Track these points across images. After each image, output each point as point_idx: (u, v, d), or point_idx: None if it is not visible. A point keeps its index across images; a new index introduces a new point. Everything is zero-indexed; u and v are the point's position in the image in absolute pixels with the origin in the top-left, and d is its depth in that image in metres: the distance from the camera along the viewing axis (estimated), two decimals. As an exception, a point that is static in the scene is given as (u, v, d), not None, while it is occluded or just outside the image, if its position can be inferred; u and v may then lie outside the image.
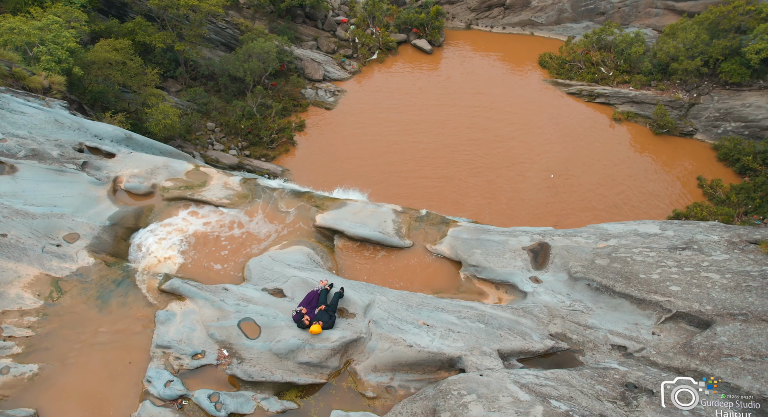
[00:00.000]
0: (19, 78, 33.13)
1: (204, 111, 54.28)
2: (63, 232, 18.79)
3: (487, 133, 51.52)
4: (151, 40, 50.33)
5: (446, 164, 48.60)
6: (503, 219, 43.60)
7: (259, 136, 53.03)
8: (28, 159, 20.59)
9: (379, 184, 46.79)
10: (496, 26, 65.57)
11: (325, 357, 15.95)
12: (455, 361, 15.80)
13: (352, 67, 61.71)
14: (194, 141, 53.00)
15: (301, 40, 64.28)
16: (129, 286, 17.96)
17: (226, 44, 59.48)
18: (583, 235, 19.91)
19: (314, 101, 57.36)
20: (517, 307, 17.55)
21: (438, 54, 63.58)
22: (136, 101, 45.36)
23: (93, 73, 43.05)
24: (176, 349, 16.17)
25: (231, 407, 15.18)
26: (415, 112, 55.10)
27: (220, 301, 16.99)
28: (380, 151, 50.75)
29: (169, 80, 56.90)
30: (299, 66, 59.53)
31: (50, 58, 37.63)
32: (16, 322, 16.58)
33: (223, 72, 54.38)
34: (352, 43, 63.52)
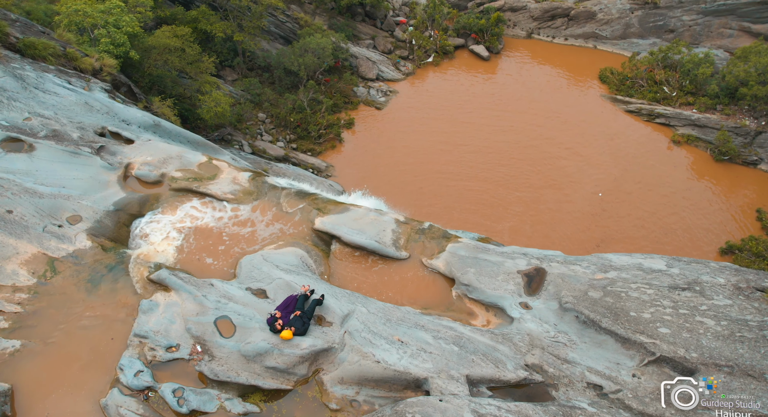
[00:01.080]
0: (72, 59, 34.40)
1: (256, 102, 55.15)
2: (67, 213, 19.37)
3: (537, 145, 50.42)
4: (212, 29, 51.46)
5: (491, 173, 47.86)
6: (543, 235, 42.68)
7: (308, 130, 53.53)
8: (47, 139, 21.33)
9: (420, 187, 46.57)
10: (557, 37, 64.08)
11: (293, 364, 15.89)
12: (421, 383, 15.50)
13: (407, 68, 61.51)
14: (244, 130, 53.97)
15: (358, 38, 64.51)
16: (120, 273, 18.37)
17: (284, 37, 60.26)
18: (583, 265, 19.19)
19: (365, 100, 57.46)
20: (498, 333, 17.06)
21: (495, 61, 62.62)
22: (191, 87, 46.43)
23: (153, 58, 44.30)
24: (152, 340, 16.43)
25: (194, 404, 15.30)
26: (464, 118, 54.43)
27: (202, 297, 17.17)
28: (426, 154, 50.43)
29: (226, 69, 58.12)
30: (354, 64, 59.74)
31: (108, 40, 38.80)
32: (8, 298, 17.19)
33: (279, 65, 55.12)
34: (408, 45, 63.31)
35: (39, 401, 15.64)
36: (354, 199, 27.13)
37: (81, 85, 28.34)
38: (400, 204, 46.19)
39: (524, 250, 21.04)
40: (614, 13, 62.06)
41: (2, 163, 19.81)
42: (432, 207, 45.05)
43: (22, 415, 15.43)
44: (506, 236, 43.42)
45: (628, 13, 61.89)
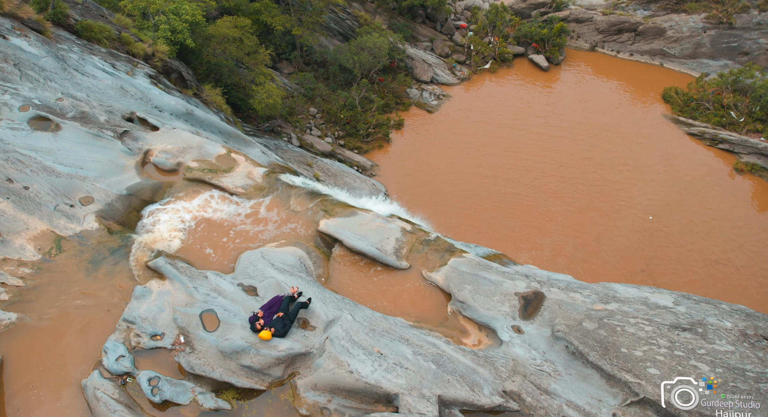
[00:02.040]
0: (125, 43, 35.51)
1: (309, 96, 55.70)
2: (80, 194, 19.96)
3: (589, 160, 49.13)
4: (272, 21, 52.23)
5: (538, 185, 46.94)
6: (585, 254, 41.61)
7: (356, 128, 53.78)
8: (74, 120, 22.04)
9: (464, 192, 46.18)
10: (622, 52, 62.21)
11: (268, 365, 15.92)
12: (392, 398, 15.27)
13: (462, 73, 60.91)
14: (294, 123, 54.66)
15: (416, 39, 64.26)
16: (121, 257, 18.80)
17: (343, 34, 60.61)
18: (584, 293, 18.51)
19: (417, 102, 57.27)
20: (481, 355, 16.64)
21: (554, 72, 61.32)
22: (246, 78, 47.28)
23: (212, 46, 45.29)
24: (139, 327, 16.75)
25: (167, 395, 15.51)
26: (516, 127, 53.57)
27: (192, 288, 17.40)
28: (473, 160, 49.93)
29: (283, 62, 58.94)
30: (409, 65, 59.57)
31: (167, 27, 39.85)
32: (12, 271, 17.84)
33: (335, 61, 55.53)
34: (466, 50, 62.69)
35: (26, 374, 16.16)
36: (372, 203, 26.97)
37: (125, 70, 29.21)
38: (440, 208, 46.06)
39: (529, 271, 20.49)
40: (685, 32, 59.82)
41: (27, 140, 20.56)
42: (473, 213, 44.61)
43: (9, 386, 15.94)
44: (547, 251, 42.60)
45: (700, 32, 59.55)
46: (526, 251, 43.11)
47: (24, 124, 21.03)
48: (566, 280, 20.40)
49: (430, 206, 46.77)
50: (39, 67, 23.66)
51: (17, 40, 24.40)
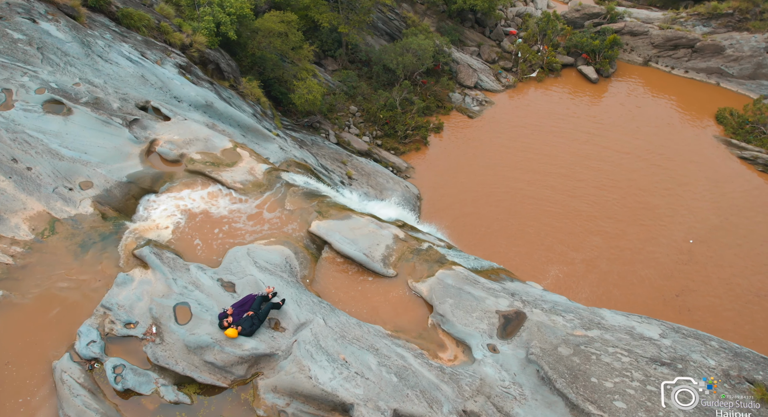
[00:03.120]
0: (164, 32, 36.29)
1: (351, 94, 55.84)
2: (81, 178, 20.42)
3: (631, 177, 47.70)
4: (320, 18, 52.53)
5: (576, 199, 45.88)
6: (618, 273, 40.43)
7: (395, 129, 53.67)
8: (86, 106, 22.57)
9: (498, 200, 45.54)
10: (677, 68, 60.07)
11: (231, 363, 15.93)
12: (348, 408, 15.06)
13: (508, 80, 59.97)
14: (333, 120, 54.90)
15: (464, 43, 63.59)
16: (111, 243, 19.15)
17: (390, 34, 60.51)
18: (567, 316, 17.87)
19: (459, 107, 56.72)
20: (447, 372, 16.25)
21: (603, 85, 59.74)
22: (289, 72, 47.75)
23: (257, 40, 45.90)
24: (115, 313, 17.00)
25: (129, 384, 15.70)
26: (559, 138, 52.46)
27: (171, 279, 17.57)
28: (510, 168, 49.20)
29: (328, 59, 59.23)
30: (454, 69, 59.01)
31: (211, 19, 40.53)
32: (4, 249, 18.38)
33: (379, 61, 55.51)
34: (514, 57, 61.67)
35: (3, 349, 16.61)
36: (378, 207, 26.75)
37: (155, 59, 29.79)
38: (471, 214, 45.53)
39: (521, 288, 19.95)
40: (746, 51, 57.34)
41: (38, 122, 21.15)
42: (505, 221, 44.00)
43: (-13, 360, 16.41)
44: (579, 266, 41.62)
45: (762, 52, 57.02)
46: (557, 265, 42.20)
47: (37, 107, 21.64)
48: (555, 300, 19.78)
49: (460, 211, 46.33)
50: (62, 51, 24.32)
51: (47, 24, 25.15)
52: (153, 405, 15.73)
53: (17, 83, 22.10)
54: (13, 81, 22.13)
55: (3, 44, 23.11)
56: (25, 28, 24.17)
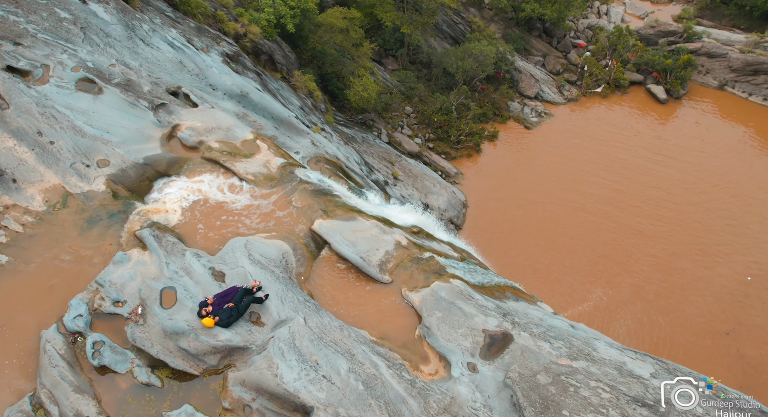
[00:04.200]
0: (219, 21, 37.13)
1: (408, 95, 55.73)
2: (99, 156, 21.07)
3: (692, 206, 45.72)
4: (384, 17, 52.61)
5: (629, 221, 44.51)
6: (667, 303, 39.13)
7: (448, 133, 53.33)
8: (117, 86, 23.28)
9: (546, 215, 44.73)
10: (755, 95, 57.09)
11: (204, 352, 16.09)
12: (308, 410, 14.96)
13: (571, 93, 58.44)
14: (387, 119, 54.92)
15: (529, 52, 62.35)
16: (117, 221, 19.68)
17: (454, 38, 59.99)
18: (555, 344, 17.20)
19: (516, 116, 55.74)
20: (418, 386, 15.91)
21: (672, 106, 57.44)
22: (347, 68, 48.07)
23: (319, 34, 46.42)
24: (106, 291, 17.47)
25: (105, 361, 16.10)
26: (617, 160, 50.84)
27: (164, 263, 17.89)
28: (562, 184, 48.15)
29: (389, 58, 59.25)
30: (515, 77, 57.97)
31: (272, 11, 41.19)
32: (17, 217, 19.18)
33: (439, 64, 55.23)
34: (580, 70, 60.01)
35: (2, 312, 17.32)
36: (398, 211, 26.47)
37: (200, 46, 30.47)
38: (515, 226, 44.76)
39: (515, 309, 19.32)
40: (835, 80, 54.02)
41: (68, 99, 21.97)
42: (550, 237, 43.15)
43: (-17, 321, 17.16)
44: (625, 292, 40.45)
45: None
46: (602, 287, 41.06)
47: (71, 84, 22.47)
48: (554, 326, 19.05)
49: (506, 221, 45.69)
50: (105, 32, 25.17)
51: (95, 5, 26.10)
52: (126, 384, 16.06)
53: (56, 60, 23.00)
54: (52, 57, 23.05)
55: (49, 22, 24.09)
56: (73, 7, 25.13)
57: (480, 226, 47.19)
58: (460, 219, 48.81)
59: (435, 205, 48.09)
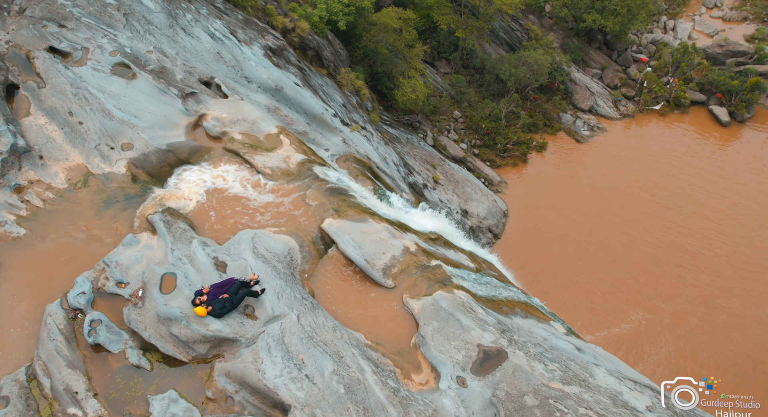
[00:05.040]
0: (268, 14, 37.63)
1: (457, 99, 55.34)
2: (124, 139, 21.63)
3: (747, 237, 43.78)
4: (439, 19, 52.37)
5: (677, 246, 43.08)
6: (709, 335, 37.64)
7: (495, 141, 52.77)
8: (150, 73, 23.85)
9: (588, 232, 43.68)
10: (828, 124, 54.17)
11: (194, 340, 16.29)
12: (286, 408, 14.97)
13: (627, 109, 56.81)
14: (435, 122, 54.69)
15: (586, 64, 60.89)
16: (132, 204, 20.16)
17: (510, 45, 59.17)
18: (550, 366, 16.70)
19: (567, 128, 54.65)
20: (402, 395, 15.71)
21: (735, 130, 55.17)
22: (399, 68, 48.08)
23: (372, 33, 46.59)
24: (111, 271, 17.90)
25: (100, 339, 16.47)
26: (670, 181, 49.20)
27: (169, 249, 18.22)
28: (609, 201, 46.89)
29: (442, 60, 58.94)
30: (570, 89, 56.77)
31: (324, 7, 41.53)
32: (39, 193, 19.87)
33: (492, 70, 54.59)
34: (638, 85, 58.23)
35: (13, 282, 18.05)
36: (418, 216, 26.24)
37: (243, 38, 30.90)
38: (558, 240, 44.00)
39: (518, 326, 18.87)
40: None
41: (102, 81, 22.64)
42: (591, 255, 42.28)
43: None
44: (666, 317, 39.25)
45: None
46: (641, 310, 39.90)
47: (107, 68, 23.15)
48: (557, 347, 18.53)
49: (547, 234, 44.95)
50: (147, 20, 25.82)
51: (142, -8, 26.84)
52: (117, 364, 16.41)
53: (96, 44, 23.74)
54: (93, 41, 23.79)
55: (94, 6, 24.89)
56: (119, -7, 25.93)
57: (519, 237, 46.47)
58: (499, 228, 48.17)
59: (474, 212, 47.56)
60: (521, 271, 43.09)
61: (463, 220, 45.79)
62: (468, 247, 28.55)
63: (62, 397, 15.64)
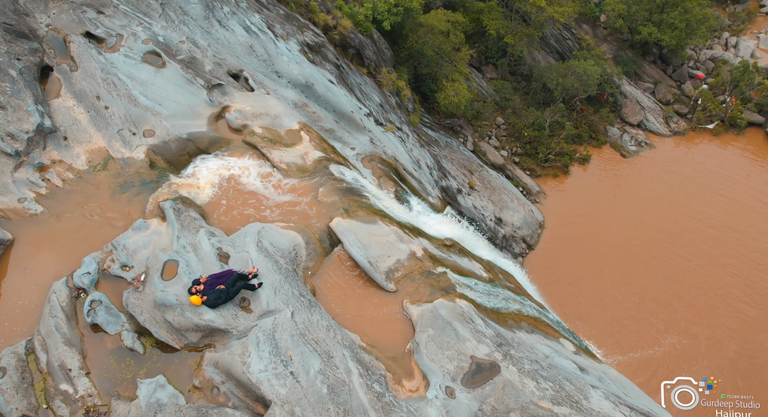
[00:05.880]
0: (311, 11, 37.89)
1: (501, 106, 54.73)
2: (146, 126, 22.06)
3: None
4: (489, 24, 51.87)
5: (720, 272, 41.63)
6: (748, 366, 36.25)
7: (537, 150, 52.00)
8: (180, 62, 24.27)
9: (627, 250, 42.66)
10: None
11: (186, 328, 16.47)
12: (267, 403, 15.00)
13: (678, 126, 55.07)
14: (476, 127, 54.20)
15: (639, 78, 59.25)
16: (147, 190, 20.54)
17: (560, 53, 58.13)
18: (542, 384, 16.25)
19: (613, 142, 53.37)
20: (386, 401, 15.53)
21: (795, 154, 52.82)
22: (443, 71, 47.83)
23: (419, 34, 46.52)
24: (117, 254, 18.28)
25: (98, 319, 16.86)
26: (719, 204, 47.46)
27: (175, 237, 18.49)
28: (652, 220, 45.57)
29: (489, 66, 58.33)
30: (619, 102, 55.37)
31: (370, 6, 41.63)
32: (59, 173, 20.45)
33: (540, 78, 53.69)
34: (692, 103, 56.34)
35: (26, 257, 18.63)
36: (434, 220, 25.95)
37: (281, 33, 31.15)
38: (594, 255, 43.15)
39: (519, 341, 18.44)
40: None
41: (132, 68, 23.15)
42: (629, 272, 41.16)
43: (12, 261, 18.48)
44: (702, 344, 38.00)
45: None
46: (676, 335, 38.66)
47: (138, 55, 23.67)
48: (558, 365, 18.05)
49: (583, 248, 44.02)
50: (183, 10, 26.29)
51: (182, -17, 27.33)
52: (112, 345, 16.74)
53: (130, 31, 24.30)
54: (128, 28, 24.36)
55: (133, -6, 25.52)
56: (159, -17, 26.47)
57: (554, 249, 45.61)
58: (533, 239, 47.39)
59: (509, 221, 46.87)
60: (552, 284, 42.32)
61: (496, 228, 45.15)
62: (488, 256, 28.12)
63: (56, 373, 16.03)
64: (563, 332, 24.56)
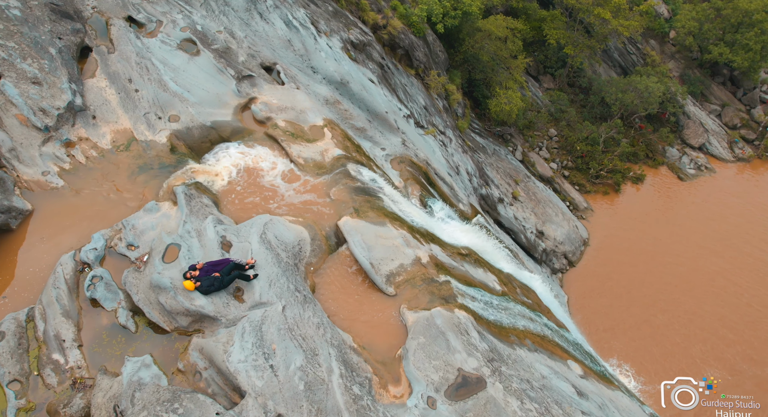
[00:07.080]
0: (361, 9, 37.99)
1: (556, 117, 53.72)
2: (172, 111, 22.52)
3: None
4: (549, 34, 51.00)
5: (762, 313, 39.71)
6: None
7: (588, 165, 50.74)
8: (214, 52, 24.69)
9: (676, 273, 41.64)
10: None
11: (177, 311, 16.69)
12: (243, 394, 15.03)
13: (743, 152, 52.74)
14: (527, 137, 53.33)
15: (705, 99, 56.92)
16: (164, 173, 20.97)
17: (623, 68, 56.48)
18: (526, 405, 15.73)
19: (671, 164, 51.62)
20: (363, 404, 15.35)
21: None
22: (497, 78, 47.26)
23: (475, 38, 46.14)
24: (125, 233, 18.73)
25: (97, 295, 17.30)
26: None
27: (182, 221, 18.78)
28: (705, 249, 44.04)
29: (547, 75, 57.25)
30: (681, 122, 53.42)
31: (425, 8, 41.49)
32: (84, 150, 21.12)
33: (599, 92, 52.37)
34: (761, 129, 53.94)
35: (44, 227, 19.37)
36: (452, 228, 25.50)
37: (325, 29, 31.31)
38: (638, 277, 42.00)
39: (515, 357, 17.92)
40: None
41: (166, 54, 23.69)
42: (675, 299, 39.89)
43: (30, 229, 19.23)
44: (749, 381, 36.27)
45: None
46: (717, 368, 37.26)
47: (174, 42, 24.21)
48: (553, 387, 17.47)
49: (626, 269, 42.77)
50: (224, 1, 26.76)
51: (230, -25, 27.79)
52: (107, 321, 17.14)
53: (170, 18, 24.87)
54: (168, 15, 24.94)
55: (177, -17, 26.11)
56: (205, -27, 26.99)
57: (596, 268, 44.46)
58: (576, 255, 46.28)
59: (551, 235, 45.88)
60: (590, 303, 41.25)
61: (536, 240, 44.24)
62: (508, 269, 27.44)
63: (51, 342, 16.51)
64: (577, 354, 23.76)
